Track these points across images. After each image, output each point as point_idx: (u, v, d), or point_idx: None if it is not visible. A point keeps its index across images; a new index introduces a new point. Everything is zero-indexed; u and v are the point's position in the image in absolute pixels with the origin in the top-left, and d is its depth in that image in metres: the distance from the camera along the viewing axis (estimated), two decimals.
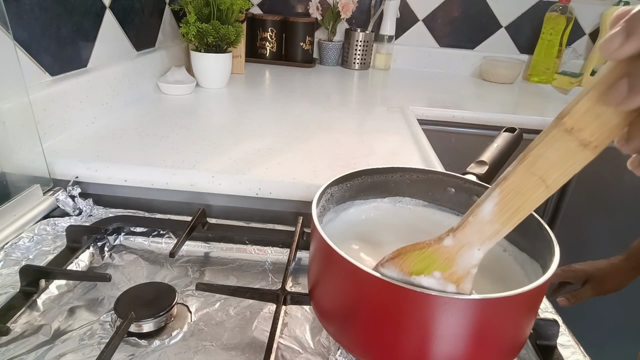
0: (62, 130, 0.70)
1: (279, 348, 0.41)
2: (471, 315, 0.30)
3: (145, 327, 0.41)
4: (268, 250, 0.55)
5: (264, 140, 0.77)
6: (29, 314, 0.43)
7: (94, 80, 0.79)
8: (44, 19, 0.67)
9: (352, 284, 0.33)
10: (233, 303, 0.46)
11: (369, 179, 0.48)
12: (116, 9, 0.87)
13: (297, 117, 0.91)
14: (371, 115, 0.97)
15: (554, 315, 0.44)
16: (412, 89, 1.28)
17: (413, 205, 0.50)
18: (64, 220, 0.57)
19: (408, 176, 0.49)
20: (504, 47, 1.56)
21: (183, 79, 1.06)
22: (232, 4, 1.00)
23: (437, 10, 1.52)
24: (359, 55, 1.48)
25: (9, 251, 0.50)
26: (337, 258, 0.33)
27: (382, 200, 0.50)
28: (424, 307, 0.30)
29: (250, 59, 1.41)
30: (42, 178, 0.59)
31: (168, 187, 0.62)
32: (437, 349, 0.31)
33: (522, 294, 0.30)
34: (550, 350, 0.40)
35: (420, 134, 0.87)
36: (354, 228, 0.47)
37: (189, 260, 0.54)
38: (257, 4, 1.52)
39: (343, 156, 0.72)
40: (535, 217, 0.38)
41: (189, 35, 0.99)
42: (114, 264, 0.52)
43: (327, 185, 0.44)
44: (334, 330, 0.37)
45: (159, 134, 0.76)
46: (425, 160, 0.73)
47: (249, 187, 0.62)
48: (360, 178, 0.47)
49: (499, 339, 0.32)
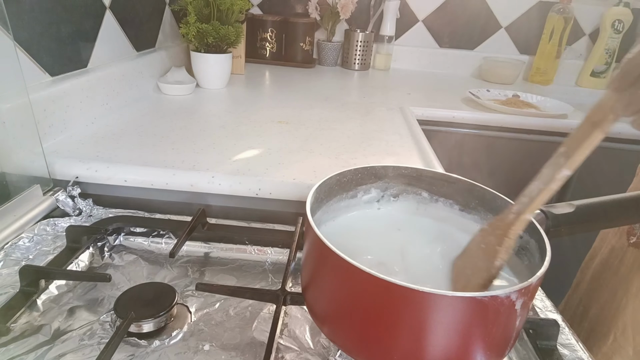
0: (62, 130, 0.70)
1: (278, 348, 0.41)
2: (464, 312, 0.30)
3: (145, 327, 0.41)
4: (268, 250, 0.55)
5: (263, 141, 0.77)
6: (29, 314, 0.43)
7: (94, 81, 0.79)
8: (44, 19, 0.67)
9: (345, 281, 0.33)
10: (233, 303, 0.46)
11: (369, 177, 0.48)
12: (116, 9, 0.87)
13: (297, 118, 0.91)
14: (371, 116, 0.97)
15: (554, 315, 0.44)
16: (412, 89, 1.28)
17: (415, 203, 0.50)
18: (64, 220, 0.57)
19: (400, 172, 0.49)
20: (504, 47, 1.56)
21: (183, 80, 1.06)
22: (232, 4, 1.00)
23: (437, 10, 1.52)
24: (359, 55, 1.48)
25: (9, 251, 0.50)
26: (330, 254, 0.33)
27: (381, 200, 0.50)
28: (418, 304, 0.30)
29: (250, 59, 1.41)
30: (42, 178, 0.59)
31: (168, 187, 0.62)
32: (431, 346, 0.31)
33: (515, 291, 0.30)
34: (550, 350, 0.40)
35: (420, 134, 0.87)
36: (354, 227, 0.47)
37: (189, 261, 0.54)
38: (257, 5, 1.52)
39: (343, 156, 0.72)
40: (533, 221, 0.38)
41: (189, 36, 0.99)
42: (114, 264, 0.52)
43: (321, 182, 0.43)
44: (328, 330, 0.37)
45: (158, 134, 0.76)
46: (425, 161, 0.73)
47: (249, 187, 0.62)
48: (360, 175, 0.47)
49: (492, 336, 0.32)
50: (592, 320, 0.69)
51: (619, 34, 1.45)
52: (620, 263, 0.67)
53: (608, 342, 0.64)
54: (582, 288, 0.75)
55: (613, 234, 0.70)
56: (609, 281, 0.68)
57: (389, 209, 0.50)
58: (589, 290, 0.73)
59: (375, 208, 0.50)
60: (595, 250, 0.76)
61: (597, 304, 0.70)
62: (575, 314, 0.73)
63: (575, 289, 0.77)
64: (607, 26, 1.44)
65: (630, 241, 0.65)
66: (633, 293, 0.63)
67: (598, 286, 0.71)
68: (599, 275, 0.72)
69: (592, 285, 0.73)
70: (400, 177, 0.49)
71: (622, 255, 0.67)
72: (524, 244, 0.40)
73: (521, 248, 0.40)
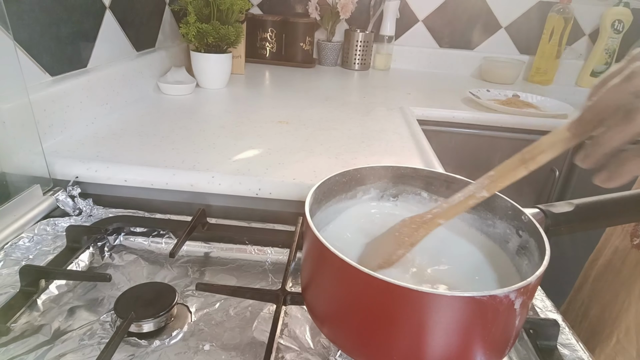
0: (62, 130, 0.70)
1: (278, 348, 0.41)
2: (463, 311, 0.30)
3: (145, 327, 0.41)
4: (268, 250, 0.55)
5: (264, 140, 0.77)
6: (29, 314, 0.43)
7: (94, 80, 0.79)
8: (44, 19, 0.67)
9: (345, 281, 0.33)
10: (233, 303, 0.46)
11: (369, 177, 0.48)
12: (116, 9, 0.87)
13: (297, 117, 0.91)
14: (371, 116, 0.97)
15: (554, 315, 0.44)
16: (412, 89, 1.28)
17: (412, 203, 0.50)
18: (64, 220, 0.57)
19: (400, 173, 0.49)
20: (504, 47, 1.56)
21: (183, 79, 1.06)
22: (232, 4, 1.00)
23: (437, 10, 1.52)
24: (359, 55, 1.48)
25: (9, 251, 0.50)
26: (329, 255, 0.33)
27: (380, 200, 0.50)
28: (417, 304, 0.30)
29: (250, 59, 1.41)
30: (42, 178, 0.59)
31: (168, 187, 0.62)
32: (431, 346, 0.31)
33: (514, 290, 0.30)
34: (550, 351, 0.40)
35: (420, 134, 0.87)
36: (354, 227, 0.47)
37: (189, 261, 0.54)
38: (257, 4, 1.52)
39: (343, 156, 0.72)
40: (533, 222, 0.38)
41: (189, 36, 0.99)
42: (114, 264, 0.52)
43: (321, 182, 0.43)
44: (328, 330, 0.37)
45: (159, 134, 0.76)
46: (425, 161, 0.73)
47: (249, 187, 0.62)
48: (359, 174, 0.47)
49: (492, 335, 0.32)
50: (592, 321, 0.69)
51: (619, 34, 1.45)
52: (623, 265, 0.67)
53: (611, 344, 0.64)
54: (584, 289, 0.75)
55: (617, 235, 0.70)
56: (611, 282, 0.68)
57: (389, 209, 0.50)
58: (591, 291, 0.73)
59: (375, 208, 0.49)
60: (599, 251, 0.75)
61: (598, 305, 0.69)
62: (577, 314, 0.73)
63: (578, 290, 0.77)
64: (607, 26, 1.44)
65: (634, 242, 0.65)
66: (636, 295, 0.63)
67: (600, 287, 0.71)
68: (601, 277, 0.71)
69: (595, 286, 0.72)
70: (400, 177, 0.49)
71: (625, 257, 0.67)
72: (523, 243, 0.40)
73: (521, 247, 0.40)
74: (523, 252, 0.40)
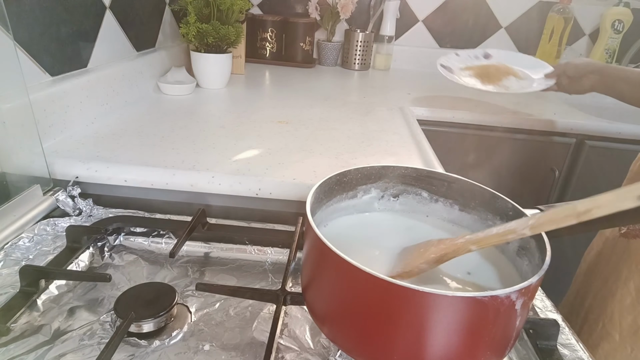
0: (62, 130, 0.70)
1: (278, 348, 0.41)
2: (464, 312, 0.30)
3: (145, 327, 0.41)
4: (268, 250, 0.55)
5: (264, 140, 0.77)
6: (29, 314, 0.43)
7: (94, 80, 0.79)
8: (44, 19, 0.67)
9: (345, 281, 0.33)
10: (233, 303, 0.46)
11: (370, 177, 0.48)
12: (116, 9, 0.87)
13: (297, 117, 0.91)
14: (371, 116, 0.97)
15: (554, 315, 0.44)
16: (412, 89, 1.28)
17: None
18: (64, 220, 0.57)
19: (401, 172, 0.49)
20: (504, 47, 1.56)
21: (183, 79, 1.06)
22: (232, 4, 1.00)
23: (437, 10, 1.52)
24: (359, 55, 1.48)
25: (9, 251, 0.50)
26: (330, 254, 0.32)
27: (381, 200, 0.50)
28: (418, 304, 0.30)
29: (250, 59, 1.41)
30: (42, 178, 0.59)
31: (168, 187, 0.62)
32: (431, 346, 0.31)
33: (515, 291, 0.30)
34: (550, 350, 0.40)
35: (420, 134, 0.87)
36: (354, 227, 0.47)
37: (189, 261, 0.54)
38: (257, 4, 1.52)
39: (343, 156, 0.72)
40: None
41: (189, 36, 0.99)
42: (114, 264, 0.52)
43: (321, 182, 0.43)
44: (328, 330, 0.37)
45: (159, 134, 0.76)
46: (425, 161, 0.73)
47: (249, 187, 0.62)
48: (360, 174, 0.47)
49: (492, 335, 0.32)
50: (587, 310, 0.70)
51: (619, 34, 1.45)
52: (612, 252, 0.69)
53: (597, 329, 0.65)
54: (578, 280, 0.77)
55: None
56: (602, 270, 0.70)
57: (389, 209, 0.50)
58: (584, 281, 0.75)
59: (375, 208, 0.50)
60: (593, 243, 0.78)
61: (591, 293, 0.71)
62: (573, 305, 0.75)
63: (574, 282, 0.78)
64: (607, 26, 1.44)
65: (621, 231, 0.67)
66: (622, 280, 0.64)
67: (592, 276, 0.73)
68: (594, 267, 0.73)
69: (588, 276, 0.74)
70: (400, 177, 0.49)
71: (614, 245, 0.69)
72: (524, 244, 0.40)
73: (521, 248, 0.40)
74: (523, 252, 0.40)
